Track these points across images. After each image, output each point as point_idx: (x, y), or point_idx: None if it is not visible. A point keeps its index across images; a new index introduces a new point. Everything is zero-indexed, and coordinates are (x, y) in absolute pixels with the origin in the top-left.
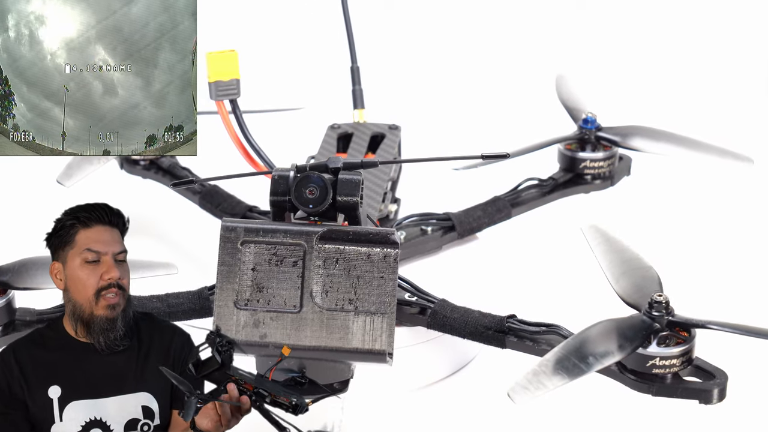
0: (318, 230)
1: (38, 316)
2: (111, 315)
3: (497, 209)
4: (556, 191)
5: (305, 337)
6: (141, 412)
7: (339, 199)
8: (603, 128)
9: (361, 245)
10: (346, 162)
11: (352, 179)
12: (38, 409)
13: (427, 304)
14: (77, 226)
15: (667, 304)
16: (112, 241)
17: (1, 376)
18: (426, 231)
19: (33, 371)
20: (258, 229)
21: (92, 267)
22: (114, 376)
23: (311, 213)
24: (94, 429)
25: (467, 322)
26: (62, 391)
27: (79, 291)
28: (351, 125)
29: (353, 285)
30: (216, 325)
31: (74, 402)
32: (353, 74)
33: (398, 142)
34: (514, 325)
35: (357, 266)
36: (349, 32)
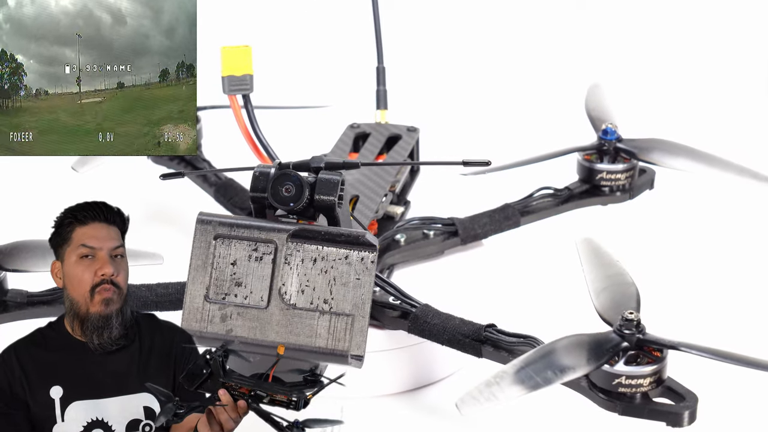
0: (291, 228)
1: (28, 299)
2: (105, 311)
3: (505, 217)
4: (571, 202)
5: (270, 334)
6: (143, 412)
7: (316, 198)
8: (623, 140)
9: (338, 246)
10: (327, 161)
11: (330, 179)
12: (40, 410)
13: (409, 309)
14: (74, 224)
15: (638, 322)
16: (108, 237)
17: (3, 376)
18: (428, 235)
19: (34, 371)
20: (232, 224)
21: (87, 263)
22: (115, 376)
23: (288, 211)
24: (96, 429)
25: (446, 328)
26: (64, 392)
27: (75, 287)
28: (370, 125)
29: (329, 286)
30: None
31: (76, 402)
32: (378, 75)
33: (414, 144)
34: (492, 335)
35: (333, 267)
36: (377, 32)
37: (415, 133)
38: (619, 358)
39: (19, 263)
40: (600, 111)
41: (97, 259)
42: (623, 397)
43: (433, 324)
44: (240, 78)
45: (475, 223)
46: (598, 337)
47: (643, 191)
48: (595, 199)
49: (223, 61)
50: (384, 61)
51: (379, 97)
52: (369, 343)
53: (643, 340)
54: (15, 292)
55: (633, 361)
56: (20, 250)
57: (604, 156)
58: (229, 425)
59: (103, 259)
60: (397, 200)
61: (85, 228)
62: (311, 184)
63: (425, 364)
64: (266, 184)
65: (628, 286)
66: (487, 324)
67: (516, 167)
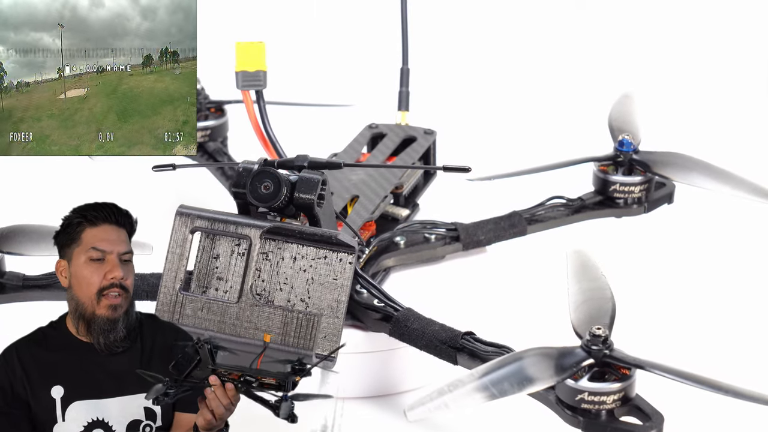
0: (266, 225)
1: (24, 281)
2: (112, 316)
3: (511, 224)
4: (582, 212)
5: (238, 329)
6: (143, 413)
7: (296, 197)
8: (639, 152)
9: (315, 246)
10: (311, 160)
11: (311, 178)
12: (41, 410)
13: (391, 312)
14: (84, 224)
15: (605, 338)
16: (118, 240)
17: (4, 375)
18: (429, 239)
19: (36, 371)
20: (209, 218)
21: (96, 265)
22: (116, 376)
23: (267, 208)
24: (96, 429)
25: (425, 334)
26: (65, 392)
27: (82, 289)
28: (388, 126)
29: (307, 285)
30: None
31: (76, 402)
32: (402, 76)
33: (428, 147)
34: (468, 344)
35: (312, 267)
36: (404, 33)
37: (431, 135)
38: (584, 374)
39: (15, 246)
40: (621, 121)
41: (107, 262)
42: (587, 413)
43: (413, 329)
44: (253, 74)
45: (479, 229)
46: (564, 351)
47: (661, 205)
48: (608, 211)
49: (237, 57)
50: (409, 63)
51: (401, 98)
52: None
53: (609, 357)
54: (11, 275)
55: (600, 377)
56: (16, 233)
57: (619, 168)
58: (220, 410)
59: (112, 263)
60: (405, 202)
61: (96, 230)
62: (292, 183)
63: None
64: (248, 180)
65: (606, 302)
66: (465, 331)
67: (528, 174)
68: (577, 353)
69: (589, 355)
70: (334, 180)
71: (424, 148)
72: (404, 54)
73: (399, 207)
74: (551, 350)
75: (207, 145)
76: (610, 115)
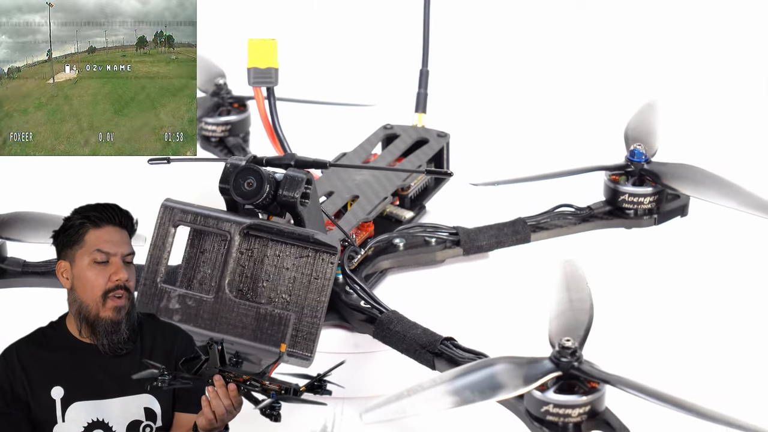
0: (246, 221)
1: (23, 267)
2: (116, 317)
3: (514, 231)
4: (590, 222)
5: (213, 324)
6: (143, 413)
7: (279, 194)
8: (651, 162)
9: (299, 246)
10: (297, 159)
11: (295, 177)
12: (41, 410)
13: (376, 314)
14: (87, 226)
15: (574, 351)
16: (121, 242)
17: (4, 375)
18: (429, 242)
19: (36, 371)
20: (193, 213)
21: (101, 267)
22: (116, 377)
23: (251, 205)
24: (96, 430)
25: (406, 337)
26: (65, 392)
27: (87, 291)
28: (402, 127)
29: (287, 284)
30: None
31: (76, 403)
32: (421, 77)
33: (439, 150)
34: (446, 349)
35: (294, 266)
36: (425, 35)
37: (443, 138)
38: (551, 385)
39: (15, 233)
40: (638, 131)
41: (111, 264)
42: (553, 425)
43: (395, 331)
44: (264, 70)
45: (481, 235)
46: (532, 360)
47: (673, 218)
48: (618, 222)
49: (248, 53)
50: (429, 65)
51: (418, 100)
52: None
53: (577, 370)
54: (12, 260)
55: (569, 390)
56: (16, 220)
57: (630, 178)
58: (221, 411)
59: (117, 265)
60: (411, 205)
61: (100, 231)
62: (277, 181)
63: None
64: (232, 176)
65: (583, 314)
66: (446, 337)
67: (534, 181)
68: (545, 364)
69: (556, 367)
70: (338, 179)
71: (434, 151)
72: (424, 56)
73: (403, 209)
74: (520, 359)
75: (227, 140)
76: (628, 124)
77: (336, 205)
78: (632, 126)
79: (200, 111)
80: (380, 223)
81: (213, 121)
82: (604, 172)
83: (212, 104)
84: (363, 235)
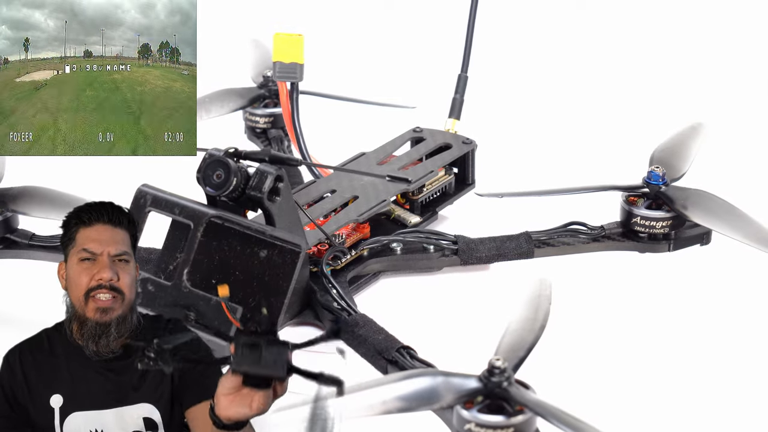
0: (210, 213)
1: (30, 240)
2: (101, 319)
3: (516, 245)
4: (601, 242)
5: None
6: (142, 424)
7: (247, 189)
8: (669, 186)
9: (263, 242)
10: (272, 155)
11: (265, 172)
12: (40, 417)
13: (342, 315)
14: (79, 225)
15: (503, 371)
16: (111, 241)
17: (5, 379)
18: (427, 249)
19: (36, 378)
20: (164, 200)
21: (86, 266)
22: (116, 385)
23: (219, 197)
24: None
25: (367, 341)
26: (63, 401)
27: (73, 290)
28: (431, 131)
29: (247, 279)
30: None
31: (75, 413)
32: (458, 83)
33: (462, 156)
34: (400, 358)
35: (254, 261)
36: (469, 38)
37: (468, 145)
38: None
39: (23, 206)
40: (667, 151)
41: (96, 263)
42: None
43: (358, 335)
44: (288, 65)
45: (481, 246)
46: (460, 377)
47: (691, 245)
48: (631, 244)
49: (274, 47)
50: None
51: (453, 105)
52: None
53: (501, 391)
54: (21, 232)
55: (497, 410)
56: (24, 194)
57: (647, 200)
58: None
59: (101, 264)
60: (421, 210)
61: (89, 230)
62: (249, 175)
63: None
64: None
65: (531, 335)
66: (403, 345)
67: (543, 196)
68: (471, 382)
69: (483, 386)
70: (345, 178)
71: (453, 157)
72: (465, 61)
73: (412, 213)
74: (451, 374)
75: (269, 131)
76: (660, 143)
77: (334, 204)
78: (662, 146)
79: (246, 101)
80: (387, 225)
81: (258, 112)
82: (621, 192)
83: (257, 95)
84: (356, 236)
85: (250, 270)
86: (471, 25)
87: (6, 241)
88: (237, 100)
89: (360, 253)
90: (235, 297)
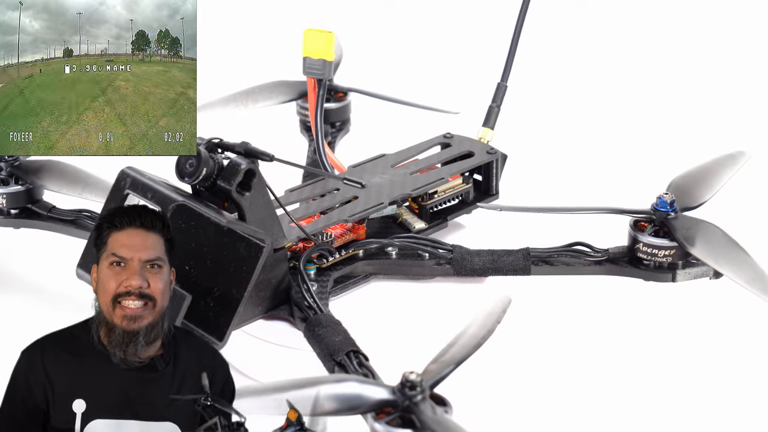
0: (179, 200)
1: (49, 212)
2: (129, 327)
3: (513, 260)
4: (603, 266)
5: None
6: None
7: (219, 178)
8: (678, 215)
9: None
10: (247, 148)
11: (236, 165)
12: (60, 421)
13: (309, 314)
14: (111, 229)
15: (415, 386)
16: (142, 246)
17: (24, 376)
18: (422, 256)
19: (60, 381)
20: (140, 183)
21: (117, 271)
22: (143, 398)
23: (198, 186)
24: None
25: (323, 341)
26: (87, 407)
27: (101, 295)
28: (460, 138)
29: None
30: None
31: (97, 420)
32: (497, 91)
33: (482, 164)
34: (346, 361)
35: (217, 253)
36: (512, 48)
37: (491, 155)
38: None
39: (42, 179)
40: (690, 177)
41: (127, 268)
42: None
43: (317, 334)
44: (316, 62)
45: (476, 258)
46: (375, 385)
47: (701, 278)
48: (634, 271)
49: (304, 43)
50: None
51: (489, 113)
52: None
53: (413, 405)
54: (43, 204)
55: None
56: (45, 168)
57: (653, 226)
58: None
59: (131, 270)
60: (431, 217)
61: (120, 234)
62: (221, 167)
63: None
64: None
65: (462, 351)
66: (354, 349)
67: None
68: (385, 392)
69: (394, 399)
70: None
71: (472, 166)
72: (506, 70)
73: (419, 219)
74: (369, 381)
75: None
76: (685, 172)
77: (333, 202)
78: (688, 172)
79: (296, 94)
80: (393, 229)
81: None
82: (629, 216)
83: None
84: (349, 237)
85: (205, 259)
86: (517, 34)
87: (27, 212)
88: (287, 92)
89: (354, 254)
90: (201, 283)
